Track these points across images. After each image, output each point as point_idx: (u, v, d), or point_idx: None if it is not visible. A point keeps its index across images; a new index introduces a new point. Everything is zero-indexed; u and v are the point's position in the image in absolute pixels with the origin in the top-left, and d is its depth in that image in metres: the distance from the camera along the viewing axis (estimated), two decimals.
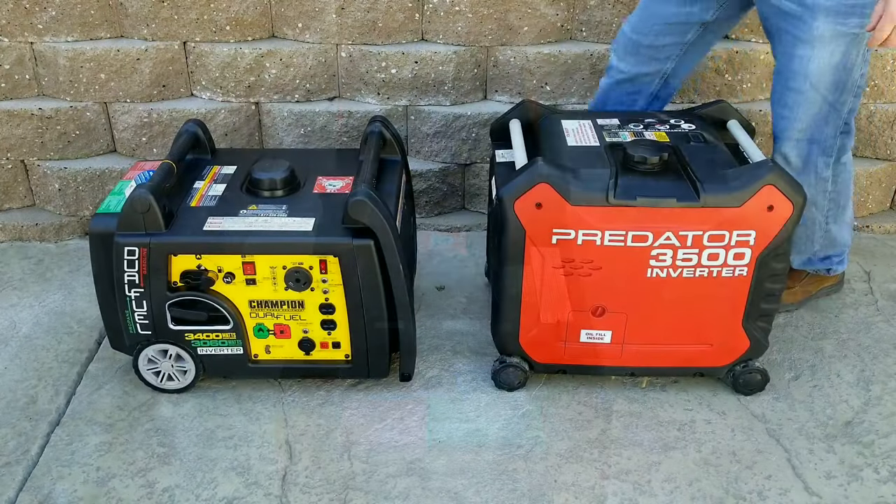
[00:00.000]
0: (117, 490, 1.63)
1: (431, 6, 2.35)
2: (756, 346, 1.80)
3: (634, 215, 1.62)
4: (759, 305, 1.74)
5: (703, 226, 1.62)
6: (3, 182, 2.49)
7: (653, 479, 1.66)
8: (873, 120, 2.49)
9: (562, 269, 1.70)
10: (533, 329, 1.79)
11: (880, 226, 2.60)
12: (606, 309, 1.75)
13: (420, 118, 2.46)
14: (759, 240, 1.64)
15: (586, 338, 1.79)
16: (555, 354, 1.83)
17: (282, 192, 1.82)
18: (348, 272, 1.69)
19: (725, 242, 1.64)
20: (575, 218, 1.63)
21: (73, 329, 2.09)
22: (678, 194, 1.62)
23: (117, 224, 1.67)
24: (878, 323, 2.14)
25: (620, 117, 1.95)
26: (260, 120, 2.47)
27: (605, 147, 1.78)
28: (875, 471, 1.69)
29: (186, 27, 2.33)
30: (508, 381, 1.86)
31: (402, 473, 1.67)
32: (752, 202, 1.60)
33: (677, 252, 1.65)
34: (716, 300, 1.72)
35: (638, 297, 1.73)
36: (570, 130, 1.87)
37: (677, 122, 1.90)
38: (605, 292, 1.72)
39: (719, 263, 1.67)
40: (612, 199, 1.61)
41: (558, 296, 1.73)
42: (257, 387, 1.90)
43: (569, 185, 1.62)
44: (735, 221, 1.62)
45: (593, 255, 1.67)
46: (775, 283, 1.72)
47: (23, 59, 2.36)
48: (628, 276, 1.69)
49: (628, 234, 1.64)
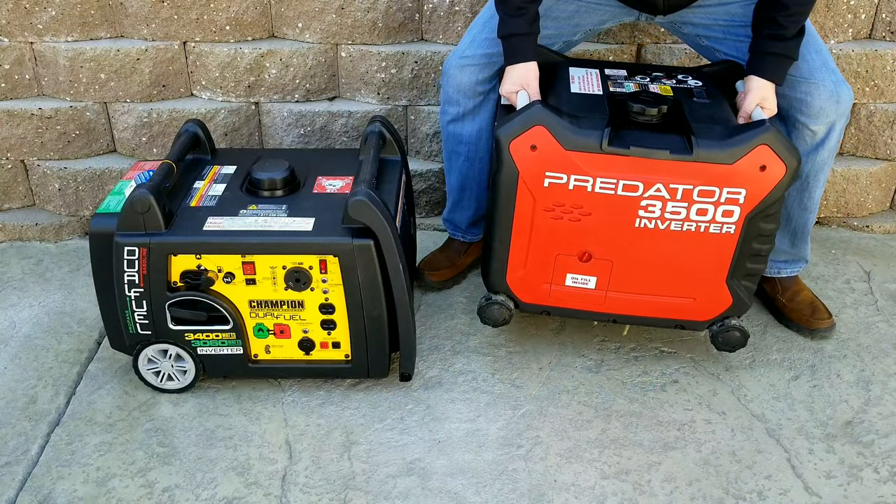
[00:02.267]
0: (117, 490, 1.63)
1: (431, 6, 2.35)
2: (739, 303, 1.81)
3: (626, 164, 1.64)
4: (744, 264, 1.75)
5: (693, 180, 1.63)
6: (3, 182, 2.49)
7: (653, 479, 1.66)
8: (873, 120, 2.48)
9: (552, 213, 1.72)
10: (520, 269, 1.81)
11: (880, 226, 2.60)
12: (593, 255, 1.76)
13: (420, 118, 2.46)
14: (749, 199, 1.65)
15: (571, 282, 1.81)
16: (540, 296, 1.85)
17: (282, 192, 1.82)
18: (348, 272, 1.69)
19: (715, 199, 1.65)
20: (568, 162, 1.65)
21: (73, 329, 2.09)
22: (672, 147, 1.63)
23: (117, 224, 1.67)
24: (877, 323, 2.14)
25: (629, 68, 1.95)
26: (260, 120, 2.47)
27: (606, 96, 1.79)
28: (875, 471, 1.69)
29: (186, 27, 2.33)
30: (493, 317, 1.88)
31: (402, 473, 1.67)
32: (745, 160, 1.61)
33: (666, 204, 1.67)
34: (701, 255, 1.73)
35: (624, 246, 1.74)
36: (576, 77, 1.88)
37: (684, 78, 1.90)
38: (593, 239, 1.74)
39: (707, 219, 1.68)
40: (605, 147, 1.62)
41: (546, 239, 1.76)
42: (257, 387, 1.90)
43: (564, 129, 1.63)
44: (726, 178, 1.63)
45: (583, 201, 1.69)
46: (763, 243, 1.73)
47: (23, 59, 2.36)
48: (616, 224, 1.71)
49: (619, 183, 1.65)
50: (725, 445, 1.75)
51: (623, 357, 2.01)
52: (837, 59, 2.40)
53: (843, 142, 2.57)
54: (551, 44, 1.99)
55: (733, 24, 1.90)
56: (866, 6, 2.38)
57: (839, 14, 2.37)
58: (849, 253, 2.47)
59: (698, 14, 1.92)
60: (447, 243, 2.33)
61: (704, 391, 1.89)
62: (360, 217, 1.64)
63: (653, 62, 2.40)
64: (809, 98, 1.82)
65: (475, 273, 2.34)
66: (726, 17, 1.90)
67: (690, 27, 1.97)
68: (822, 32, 2.39)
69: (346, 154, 2.04)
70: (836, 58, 2.39)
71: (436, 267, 2.27)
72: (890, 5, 2.38)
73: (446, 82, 2.02)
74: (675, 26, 2.00)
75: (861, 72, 2.40)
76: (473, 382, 1.92)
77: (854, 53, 2.38)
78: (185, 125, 1.98)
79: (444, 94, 2.05)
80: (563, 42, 2.03)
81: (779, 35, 1.74)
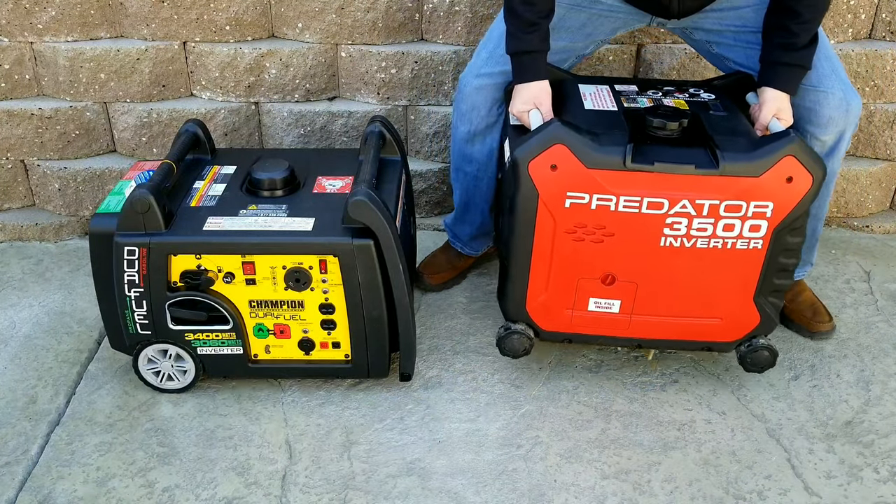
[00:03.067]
0: (117, 490, 1.63)
1: (431, 6, 2.35)
2: (766, 321, 1.76)
3: (651, 181, 1.59)
4: (771, 280, 1.71)
5: (720, 195, 1.59)
6: (3, 182, 2.49)
7: (653, 479, 1.66)
8: (873, 120, 2.49)
9: (573, 235, 1.66)
10: (541, 296, 1.76)
11: (880, 226, 2.60)
12: (617, 277, 1.71)
13: (420, 118, 2.46)
14: (777, 212, 1.60)
15: (594, 306, 1.76)
16: (561, 323, 1.79)
17: (282, 192, 1.82)
18: (348, 272, 1.69)
19: (742, 213, 1.61)
20: (590, 181, 1.59)
21: (73, 329, 2.09)
22: (697, 161, 1.58)
23: (117, 224, 1.67)
24: (877, 323, 2.14)
25: (639, 84, 1.92)
26: (260, 120, 2.47)
27: (622, 112, 1.75)
28: (875, 471, 1.69)
29: (186, 27, 2.33)
30: (513, 347, 1.82)
31: (402, 473, 1.67)
32: (772, 172, 1.57)
33: (692, 221, 1.62)
34: (728, 273, 1.69)
35: (649, 267, 1.69)
36: (588, 94, 1.84)
37: (696, 91, 1.87)
38: (617, 260, 1.69)
39: (734, 235, 1.63)
40: (629, 164, 1.57)
41: (568, 262, 1.70)
42: (257, 387, 1.90)
43: (585, 147, 1.58)
44: (753, 192, 1.58)
45: (606, 221, 1.64)
46: (789, 257, 1.68)
47: (23, 59, 2.36)
48: (641, 244, 1.66)
49: (644, 201, 1.60)
50: (725, 445, 1.75)
51: (623, 357, 2.00)
52: None
53: None
54: (563, 59, 1.95)
55: (744, 31, 1.87)
56: (866, 6, 2.38)
57: (839, 14, 2.37)
58: (849, 253, 2.47)
59: (710, 19, 1.89)
60: (447, 245, 2.33)
61: (704, 391, 1.89)
62: (360, 217, 1.64)
63: (652, 62, 2.40)
64: (818, 107, 1.79)
65: (475, 273, 2.34)
66: (738, 22, 1.87)
67: (702, 33, 1.93)
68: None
69: (346, 154, 2.04)
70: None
71: (435, 269, 2.26)
72: (890, 5, 2.38)
73: (461, 100, 1.97)
74: (687, 32, 1.97)
75: (861, 72, 2.40)
76: (473, 382, 1.92)
77: (854, 53, 2.38)
78: (185, 125, 1.98)
79: (458, 111, 2.00)
80: (576, 57, 1.99)
81: (791, 44, 1.71)
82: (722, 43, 1.93)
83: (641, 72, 2.43)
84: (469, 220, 2.20)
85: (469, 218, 2.19)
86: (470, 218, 2.19)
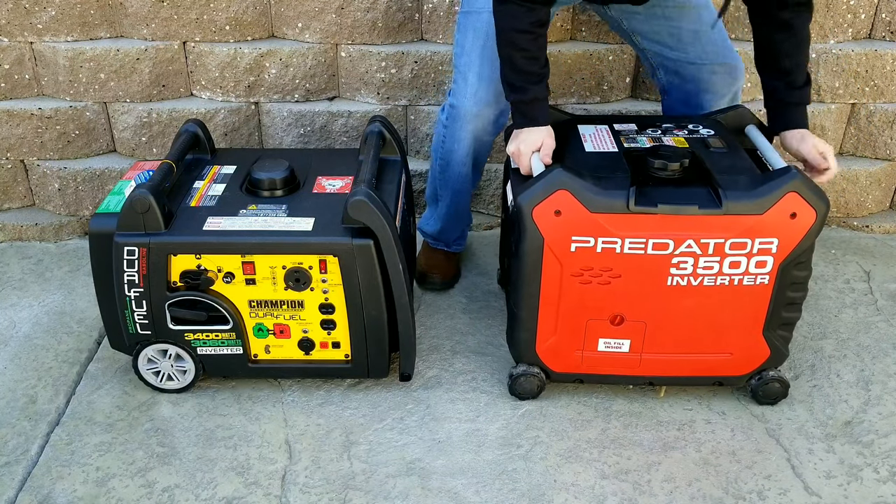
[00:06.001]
0: (117, 490, 1.63)
1: (431, 6, 2.35)
2: (776, 354, 1.78)
3: (655, 222, 1.60)
4: (780, 314, 1.72)
5: (725, 233, 1.60)
6: (3, 182, 2.49)
7: (652, 479, 1.66)
8: (873, 120, 2.49)
9: (580, 278, 1.67)
10: (550, 338, 1.77)
11: (880, 226, 2.60)
12: (625, 318, 1.72)
13: (420, 118, 2.46)
14: (782, 248, 1.62)
15: (604, 347, 1.77)
16: (572, 364, 1.80)
17: (281, 191, 1.82)
18: (348, 272, 1.69)
19: (747, 250, 1.62)
20: (594, 225, 1.61)
21: (72, 329, 2.09)
22: (700, 201, 1.60)
23: (117, 224, 1.67)
24: (878, 323, 2.14)
25: (638, 122, 1.92)
26: (259, 120, 2.47)
27: (623, 153, 1.75)
28: (875, 471, 1.69)
29: (186, 27, 2.33)
30: (526, 389, 1.84)
31: (402, 473, 1.67)
32: (775, 209, 1.58)
33: (698, 260, 1.63)
34: (736, 309, 1.70)
35: (657, 306, 1.70)
36: (587, 136, 1.85)
37: (695, 128, 1.87)
38: (624, 301, 1.70)
39: (741, 272, 1.65)
40: (632, 206, 1.58)
41: (576, 304, 1.71)
42: (257, 387, 1.90)
43: (588, 192, 1.59)
44: (757, 229, 1.60)
45: (613, 263, 1.65)
46: (797, 291, 1.70)
47: (22, 59, 2.36)
48: (648, 284, 1.67)
49: (649, 242, 1.62)
50: (725, 445, 1.75)
51: None
52: (837, 60, 2.40)
53: (843, 142, 2.57)
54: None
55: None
56: (866, 6, 2.38)
57: (839, 14, 2.37)
58: (849, 253, 2.47)
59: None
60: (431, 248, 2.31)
61: (704, 391, 1.89)
62: (359, 217, 1.64)
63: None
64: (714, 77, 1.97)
65: (475, 273, 2.34)
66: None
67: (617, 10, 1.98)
68: (822, 32, 2.39)
69: (345, 154, 2.04)
70: (836, 58, 2.40)
71: (439, 267, 2.26)
72: (890, 5, 2.38)
73: (461, 127, 1.97)
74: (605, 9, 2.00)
75: (861, 72, 2.41)
76: (473, 382, 1.92)
77: (854, 53, 2.38)
78: (185, 125, 1.99)
79: (453, 137, 2.00)
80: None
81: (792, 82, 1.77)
82: (634, 18, 1.97)
83: (642, 72, 2.43)
84: (456, 222, 2.23)
85: (456, 222, 2.22)
86: (457, 221, 2.22)
